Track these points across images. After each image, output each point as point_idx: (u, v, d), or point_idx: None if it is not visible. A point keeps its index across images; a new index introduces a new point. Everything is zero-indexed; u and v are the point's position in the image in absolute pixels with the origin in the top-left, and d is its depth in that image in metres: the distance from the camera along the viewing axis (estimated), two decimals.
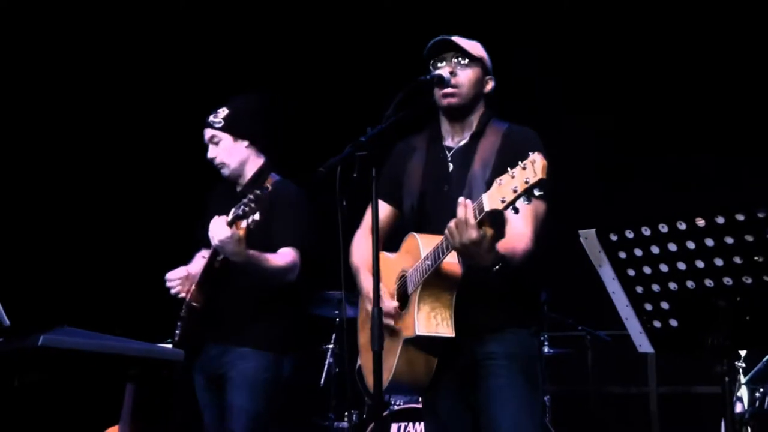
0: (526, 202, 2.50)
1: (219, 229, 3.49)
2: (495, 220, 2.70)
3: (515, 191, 2.46)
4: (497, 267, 2.67)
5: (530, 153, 2.47)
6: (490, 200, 2.52)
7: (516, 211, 2.53)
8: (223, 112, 3.84)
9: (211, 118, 3.85)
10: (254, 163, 3.87)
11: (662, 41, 5.99)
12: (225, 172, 3.86)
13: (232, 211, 3.52)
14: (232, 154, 3.83)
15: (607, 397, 6.18)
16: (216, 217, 3.54)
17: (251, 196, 3.49)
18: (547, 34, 6.19)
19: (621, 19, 6.07)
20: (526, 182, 2.44)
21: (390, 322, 2.91)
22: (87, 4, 6.14)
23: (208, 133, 3.85)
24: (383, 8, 6.30)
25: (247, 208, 3.47)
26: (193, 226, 3.94)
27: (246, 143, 3.85)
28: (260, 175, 3.84)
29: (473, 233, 2.56)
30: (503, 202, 2.49)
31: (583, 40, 6.15)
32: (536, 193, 2.46)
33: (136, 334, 3.11)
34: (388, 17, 6.31)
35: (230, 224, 3.49)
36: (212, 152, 3.84)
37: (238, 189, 3.87)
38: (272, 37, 6.50)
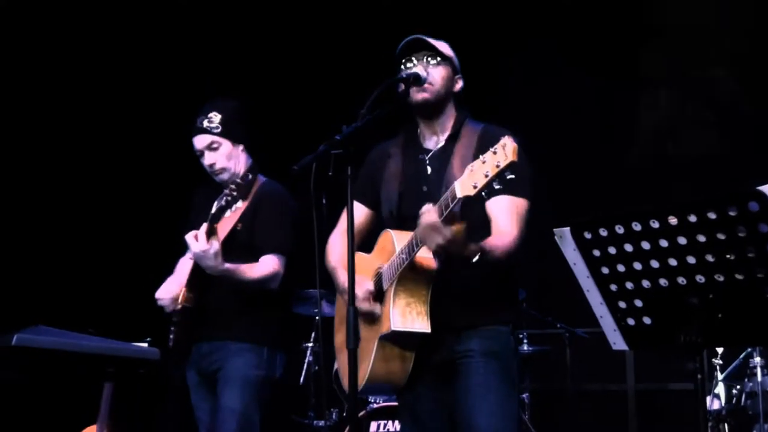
0: (499, 187, 2.50)
1: (195, 243, 3.48)
2: (470, 212, 2.70)
3: (486, 176, 2.47)
4: (476, 259, 2.66)
5: (501, 137, 2.48)
6: (462, 187, 2.52)
7: (489, 196, 2.53)
8: (217, 116, 3.75)
9: (205, 123, 3.75)
10: (246, 165, 3.82)
11: None
12: (224, 177, 3.77)
13: (215, 204, 3.53)
14: (232, 159, 3.77)
15: (585, 395, 6.21)
16: (190, 233, 3.51)
17: (232, 186, 3.52)
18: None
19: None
20: (497, 166, 2.45)
21: (366, 305, 2.88)
22: (61, 8, 6.09)
23: (206, 139, 3.74)
24: (358, 7, 6.29)
25: (229, 198, 3.49)
26: (173, 226, 3.89)
27: (242, 147, 3.82)
28: (249, 176, 3.79)
29: (445, 233, 2.57)
30: (475, 187, 2.50)
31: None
32: (507, 176, 2.47)
33: (109, 333, 3.08)
34: (364, 16, 6.30)
35: (208, 232, 3.48)
36: (211, 158, 3.76)
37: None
38: (243, 36, 6.47)
